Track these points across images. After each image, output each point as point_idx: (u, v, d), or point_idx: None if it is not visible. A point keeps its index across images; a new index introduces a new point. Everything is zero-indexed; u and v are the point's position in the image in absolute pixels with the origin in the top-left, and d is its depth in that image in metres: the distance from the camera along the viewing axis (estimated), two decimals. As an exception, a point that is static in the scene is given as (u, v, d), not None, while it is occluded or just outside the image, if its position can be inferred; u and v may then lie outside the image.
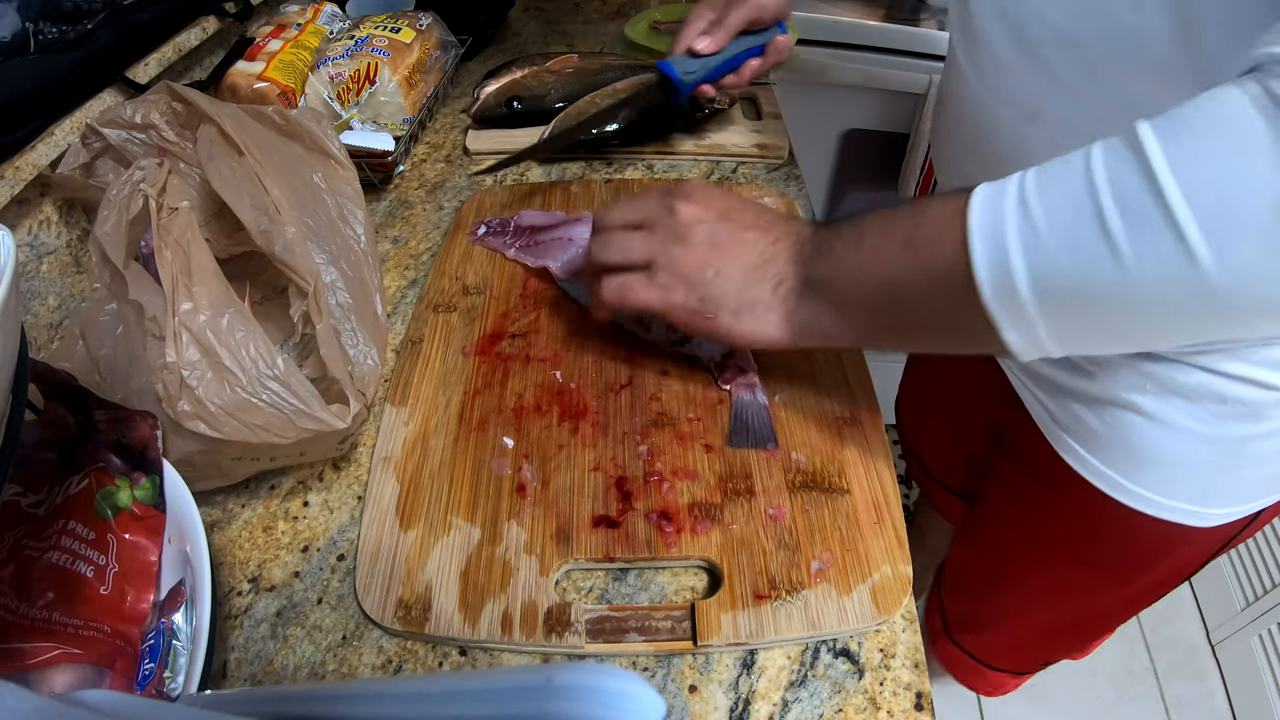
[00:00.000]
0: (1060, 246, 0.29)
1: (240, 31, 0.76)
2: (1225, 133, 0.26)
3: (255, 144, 0.48)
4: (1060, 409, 0.51)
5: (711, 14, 0.64)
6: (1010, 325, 0.32)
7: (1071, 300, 0.30)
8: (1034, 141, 0.44)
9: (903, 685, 0.38)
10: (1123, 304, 0.29)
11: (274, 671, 0.39)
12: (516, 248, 0.61)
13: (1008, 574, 0.68)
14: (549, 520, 0.43)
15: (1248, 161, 0.25)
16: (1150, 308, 0.29)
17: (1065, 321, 0.31)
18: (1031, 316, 0.31)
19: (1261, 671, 1.20)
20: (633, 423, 0.48)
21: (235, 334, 0.40)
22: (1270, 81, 0.25)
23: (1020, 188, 0.31)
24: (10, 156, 0.52)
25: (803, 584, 0.40)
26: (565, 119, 0.73)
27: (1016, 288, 0.31)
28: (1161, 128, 0.27)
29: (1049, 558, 0.63)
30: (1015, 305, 0.31)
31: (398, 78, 0.72)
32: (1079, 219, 0.29)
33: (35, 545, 0.36)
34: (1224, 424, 0.44)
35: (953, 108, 0.51)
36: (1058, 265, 0.30)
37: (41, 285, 0.56)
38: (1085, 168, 0.29)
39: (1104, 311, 0.30)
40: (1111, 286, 0.29)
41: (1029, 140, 0.44)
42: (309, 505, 0.46)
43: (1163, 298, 0.28)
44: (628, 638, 0.39)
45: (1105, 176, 0.28)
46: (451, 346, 0.53)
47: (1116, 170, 0.28)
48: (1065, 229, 0.29)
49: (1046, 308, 0.31)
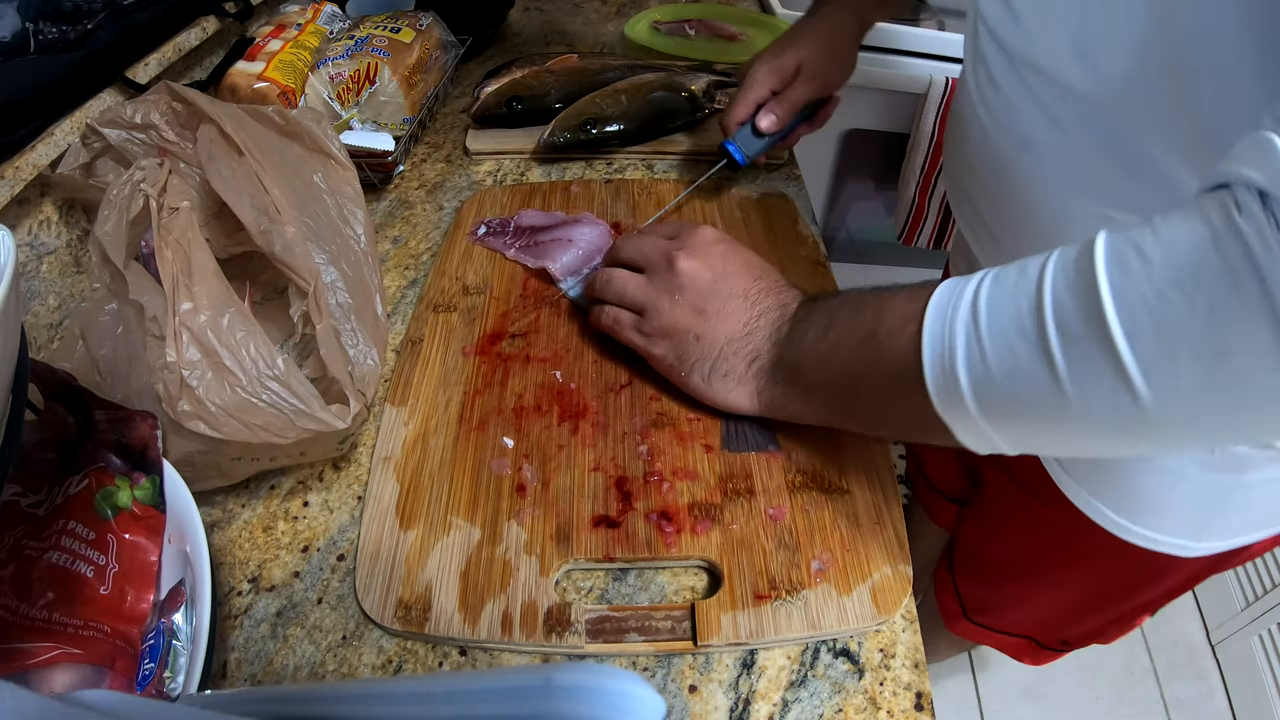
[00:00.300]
0: (1003, 369, 0.30)
1: (240, 31, 0.76)
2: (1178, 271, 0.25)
3: (255, 144, 0.48)
4: None
5: (773, 84, 0.62)
6: (961, 430, 0.33)
7: (1015, 416, 0.31)
8: (1024, 170, 0.44)
9: (903, 685, 0.38)
10: (1064, 424, 0.30)
11: (274, 671, 0.39)
12: (516, 248, 0.61)
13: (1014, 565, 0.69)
14: (549, 520, 0.43)
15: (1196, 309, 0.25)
16: (1090, 428, 0.29)
17: (1012, 432, 0.32)
18: (980, 426, 0.32)
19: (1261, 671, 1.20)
20: (633, 423, 0.48)
21: (235, 334, 0.40)
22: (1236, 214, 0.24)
23: (974, 299, 0.31)
24: (10, 156, 0.52)
25: (803, 584, 0.40)
26: (565, 119, 0.73)
27: (964, 401, 0.32)
28: (1116, 252, 0.27)
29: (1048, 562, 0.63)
30: (964, 415, 0.32)
31: (398, 78, 0.72)
32: (1023, 344, 0.29)
33: (35, 545, 0.36)
34: (1211, 472, 0.45)
35: (959, 126, 0.52)
36: (1000, 387, 0.30)
37: (41, 285, 0.56)
38: (1036, 287, 0.29)
39: (1046, 429, 0.31)
40: (1052, 410, 0.29)
41: (1020, 168, 0.44)
42: (309, 505, 0.46)
43: (1102, 421, 0.29)
44: (628, 638, 0.39)
45: (1052, 300, 0.28)
46: (451, 346, 0.53)
47: (1064, 295, 0.28)
48: (1009, 352, 0.30)
49: (992, 421, 0.32)
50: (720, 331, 0.45)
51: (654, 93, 0.75)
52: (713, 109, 0.77)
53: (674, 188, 0.69)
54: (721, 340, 0.45)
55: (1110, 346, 0.26)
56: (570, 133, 0.72)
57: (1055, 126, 0.40)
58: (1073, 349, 0.28)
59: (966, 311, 0.31)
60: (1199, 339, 0.25)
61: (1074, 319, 0.27)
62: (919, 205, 1.26)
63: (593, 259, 0.58)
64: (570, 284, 0.57)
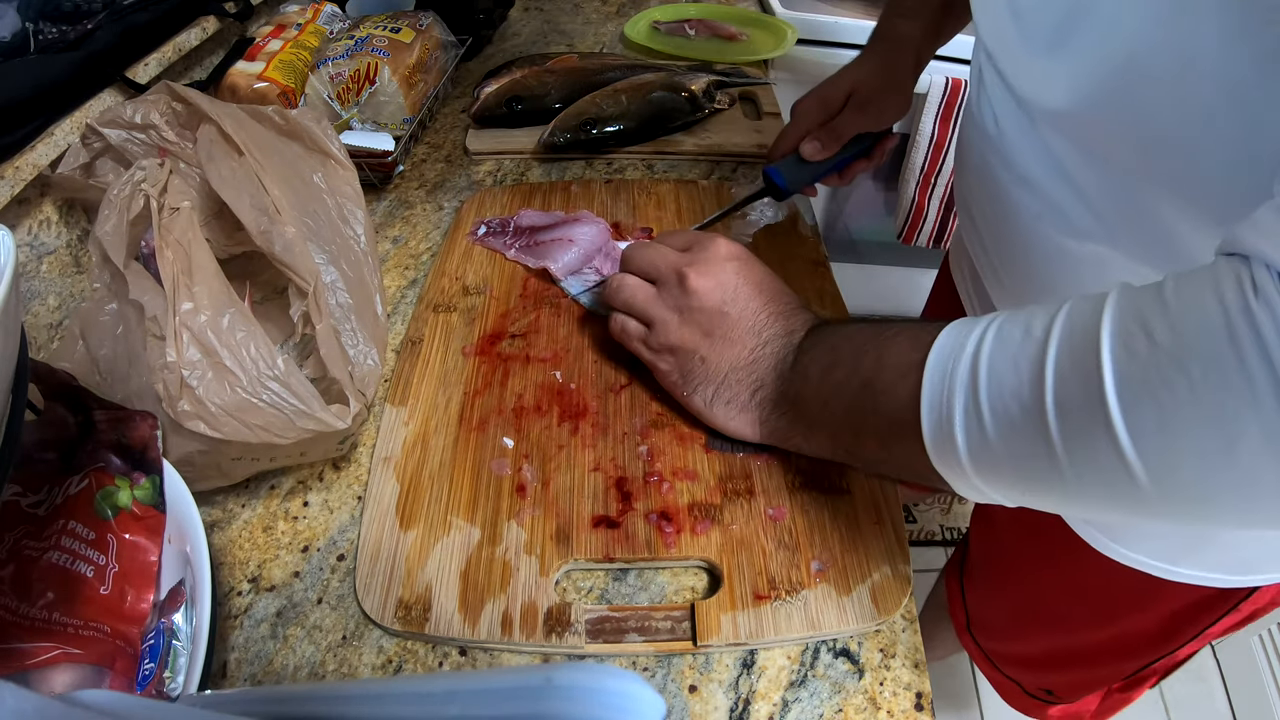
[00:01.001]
0: (1000, 437, 0.29)
1: (240, 31, 0.76)
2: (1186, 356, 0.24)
3: (255, 144, 0.48)
4: None
5: (822, 115, 0.61)
6: (958, 482, 0.33)
7: (1010, 482, 0.31)
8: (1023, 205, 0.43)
9: (903, 685, 0.38)
10: (1060, 493, 0.30)
11: (274, 671, 0.39)
12: (517, 248, 0.61)
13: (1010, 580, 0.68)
14: (549, 520, 0.43)
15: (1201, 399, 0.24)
16: (1087, 500, 0.29)
17: (1008, 492, 0.32)
18: (975, 483, 0.32)
19: (1261, 671, 1.20)
20: (633, 423, 0.48)
21: (236, 334, 0.40)
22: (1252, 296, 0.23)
23: (974, 358, 0.31)
24: (10, 156, 0.52)
25: (803, 584, 0.40)
26: (565, 119, 0.73)
27: (959, 461, 0.31)
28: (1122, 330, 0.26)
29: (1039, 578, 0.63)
30: (960, 473, 0.32)
31: (398, 78, 0.72)
32: (1021, 414, 0.28)
33: (35, 545, 0.36)
34: None
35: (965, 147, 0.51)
36: (997, 453, 0.30)
37: (41, 285, 0.56)
38: (1039, 355, 0.28)
39: (1042, 495, 0.31)
40: (1048, 480, 0.29)
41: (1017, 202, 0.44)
42: (309, 505, 0.46)
43: (1099, 498, 0.28)
44: (628, 638, 0.39)
45: (1053, 373, 0.27)
46: (451, 346, 0.53)
47: (1066, 370, 0.27)
48: (1007, 422, 0.29)
49: (988, 481, 0.32)
50: (725, 357, 0.44)
51: (654, 93, 0.75)
52: (713, 109, 0.77)
53: (674, 188, 0.69)
54: (726, 367, 0.44)
55: (1109, 430, 0.26)
56: (570, 133, 0.72)
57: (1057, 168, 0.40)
58: (1071, 428, 0.27)
59: (966, 372, 0.31)
60: (1204, 429, 0.24)
61: (1074, 397, 0.27)
62: (919, 205, 1.26)
63: (592, 258, 0.58)
64: (572, 283, 0.57)
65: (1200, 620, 0.55)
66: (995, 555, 0.71)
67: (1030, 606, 0.67)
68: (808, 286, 0.58)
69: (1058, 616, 0.64)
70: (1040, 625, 0.68)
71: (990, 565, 0.72)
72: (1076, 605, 0.61)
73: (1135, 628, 0.59)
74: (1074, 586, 0.59)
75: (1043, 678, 0.74)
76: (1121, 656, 0.64)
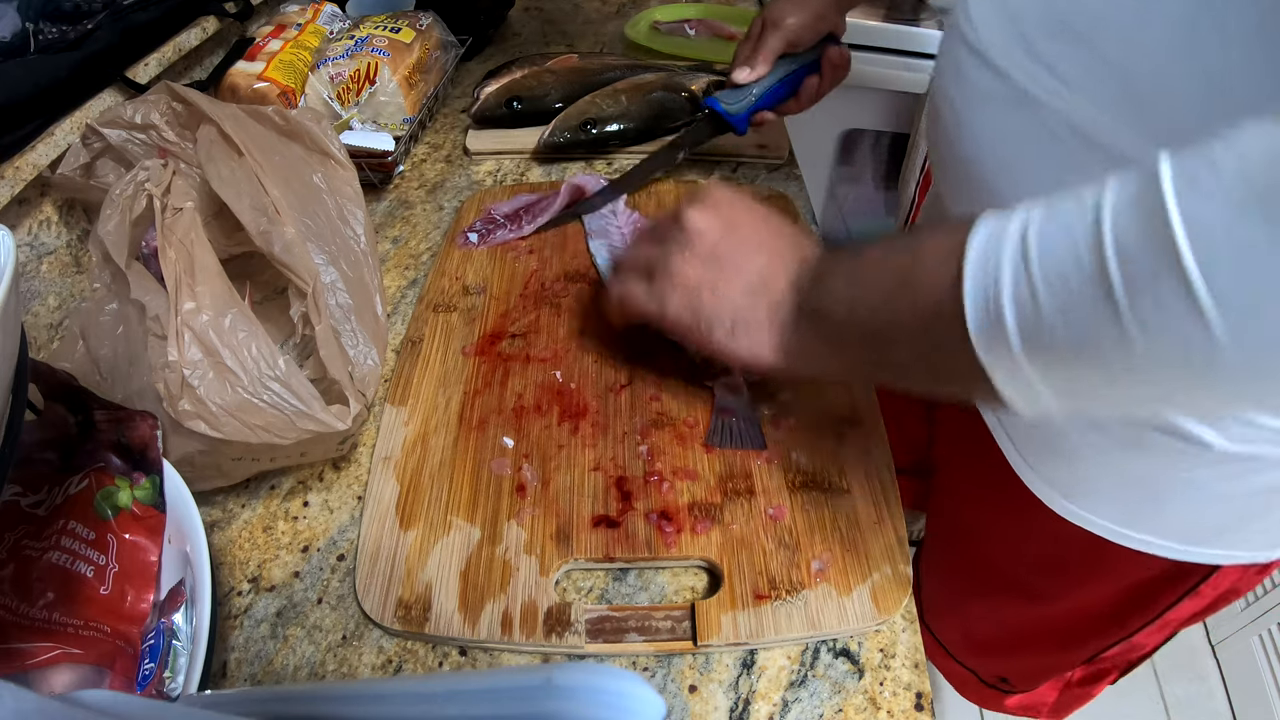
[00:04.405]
0: (1057, 310, 0.26)
1: (240, 31, 0.76)
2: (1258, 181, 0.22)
3: (255, 144, 0.48)
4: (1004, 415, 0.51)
5: (749, 45, 0.63)
6: (1006, 381, 0.30)
7: (1067, 362, 0.28)
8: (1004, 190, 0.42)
9: (903, 685, 0.38)
10: (1126, 373, 0.27)
11: (274, 671, 0.39)
12: (527, 223, 0.62)
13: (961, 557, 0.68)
14: (549, 520, 0.43)
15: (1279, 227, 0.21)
16: (1153, 374, 0.26)
17: (1060, 380, 0.29)
18: (1028, 376, 0.29)
19: (1261, 671, 1.20)
20: (633, 423, 0.48)
21: (238, 334, 0.40)
22: None
23: (1023, 234, 0.28)
24: (10, 156, 0.52)
25: (803, 584, 0.40)
26: (565, 119, 0.73)
27: (1009, 343, 0.28)
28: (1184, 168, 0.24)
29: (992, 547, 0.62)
30: (1010, 363, 0.29)
31: (398, 78, 0.72)
32: (1079, 277, 0.26)
33: (35, 545, 0.36)
34: (1145, 465, 0.44)
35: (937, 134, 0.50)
36: (1054, 330, 0.27)
37: (41, 285, 0.56)
38: (1094, 218, 0.25)
39: (1101, 375, 0.28)
40: (1111, 353, 0.26)
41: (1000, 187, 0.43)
42: (309, 505, 0.46)
43: (1167, 365, 0.25)
44: (628, 638, 0.39)
45: (1112, 226, 0.25)
46: (451, 346, 0.53)
47: (1126, 220, 0.25)
48: (1064, 291, 0.26)
49: (1043, 370, 0.28)
50: (736, 283, 0.42)
51: (654, 93, 0.75)
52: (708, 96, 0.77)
53: (674, 187, 0.69)
54: (738, 292, 0.42)
55: (1182, 277, 0.23)
56: (570, 133, 0.72)
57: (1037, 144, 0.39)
58: (1137, 282, 0.24)
59: (1015, 243, 0.28)
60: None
61: (1138, 247, 0.24)
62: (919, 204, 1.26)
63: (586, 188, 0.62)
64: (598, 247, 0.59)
65: (1157, 600, 0.54)
66: (947, 530, 0.70)
67: (981, 576, 0.66)
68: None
69: (1008, 584, 0.63)
70: (991, 595, 0.66)
71: (942, 540, 0.72)
72: (1027, 572, 0.60)
73: (1087, 602, 0.58)
74: (1025, 552, 0.58)
75: (998, 664, 0.73)
76: (1074, 636, 0.63)
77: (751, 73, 0.62)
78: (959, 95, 0.44)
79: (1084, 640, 0.63)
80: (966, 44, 0.43)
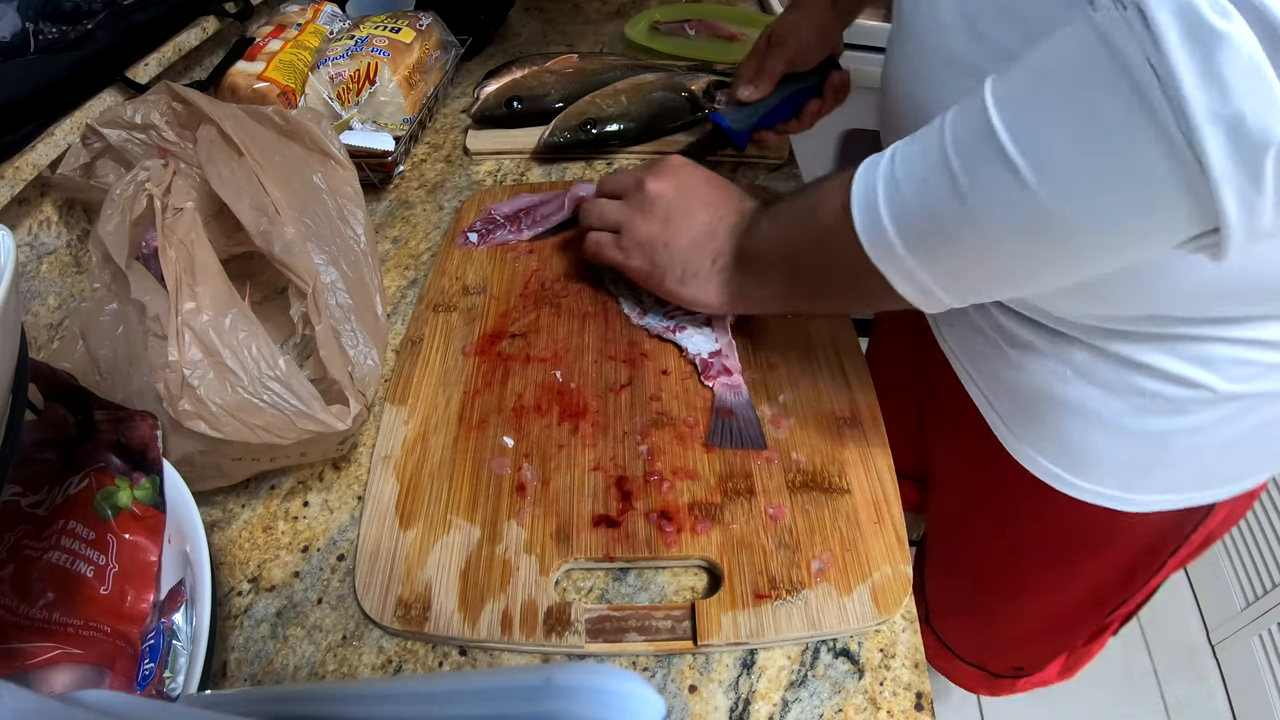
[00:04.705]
0: (915, 193, 0.33)
1: (240, 31, 0.76)
2: (1048, 59, 0.28)
3: (255, 144, 0.48)
4: (993, 392, 0.52)
5: (754, 63, 0.65)
6: (895, 274, 0.36)
7: (933, 241, 0.34)
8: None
9: (903, 685, 0.38)
10: (976, 236, 0.32)
11: (274, 671, 0.39)
12: (527, 227, 0.62)
13: (966, 557, 0.69)
14: (549, 520, 0.43)
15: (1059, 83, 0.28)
16: (999, 237, 0.32)
17: (937, 263, 0.35)
18: (909, 264, 0.35)
19: (1261, 671, 1.20)
20: (633, 422, 0.48)
21: (238, 334, 0.40)
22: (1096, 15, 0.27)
23: (891, 156, 0.35)
24: (10, 156, 0.52)
25: (803, 584, 0.40)
26: (565, 119, 0.73)
27: (888, 236, 0.35)
28: (1002, 76, 0.30)
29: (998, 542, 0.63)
30: (892, 255, 0.35)
31: (398, 78, 0.72)
32: (929, 168, 0.33)
33: (35, 545, 0.36)
34: (1144, 417, 0.44)
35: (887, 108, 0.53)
36: (914, 210, 0.34)
37: (41, 285, 0.56)
38: (940, 126, 0.32)
39: (963, 247, 0.33)
40: (960, 220, 0.32)
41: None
42: (309, 505, 0.46)
43: (1005, 224, 0.31)
44: (628, 638, 0.39)
45: (950, 128, 0.32)
46: (451, 346, 0.53)
47: (960, 121, 0.31)
48: (919, 178, 0.33)
49: (915, 251, 0.34)
50: (684, 235, 0.49)
51: (654, 93, 0.75)
52: (713, 109, 0.77)
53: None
54: (686, 243, 0.49)
55: (993, 137, 0.29)
56: (570, 133, 0.72)
57: None
58: (966, 155, 0.31)
59: (885, 164, 0.35)
60: (1069, 109, 0.27)
61: (964, 130, 0.31)
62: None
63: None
64: None
65: (1161, 553, 0.57)
66: (950, 535, 0.71)
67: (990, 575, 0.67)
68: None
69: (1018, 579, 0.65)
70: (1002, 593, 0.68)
71: (946, 546, 0.72)
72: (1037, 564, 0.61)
73: (1097, 574, 0.60)
74: (1033, 543, 0.59)
75: (1012, 656, 0.74)
76: (1087, 610, 0.65)
77: (756, 91, 0.65)
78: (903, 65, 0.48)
79: (1096, 611, 0.64)
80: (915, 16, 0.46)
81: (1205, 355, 0.40)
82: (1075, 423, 0.47)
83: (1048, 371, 0.46)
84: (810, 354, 0.52)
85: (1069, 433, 0.48)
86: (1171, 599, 1.40)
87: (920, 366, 0.64)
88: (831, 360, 0.52)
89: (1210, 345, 0.40)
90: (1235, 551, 1.28)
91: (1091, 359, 0.44)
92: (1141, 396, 0.43)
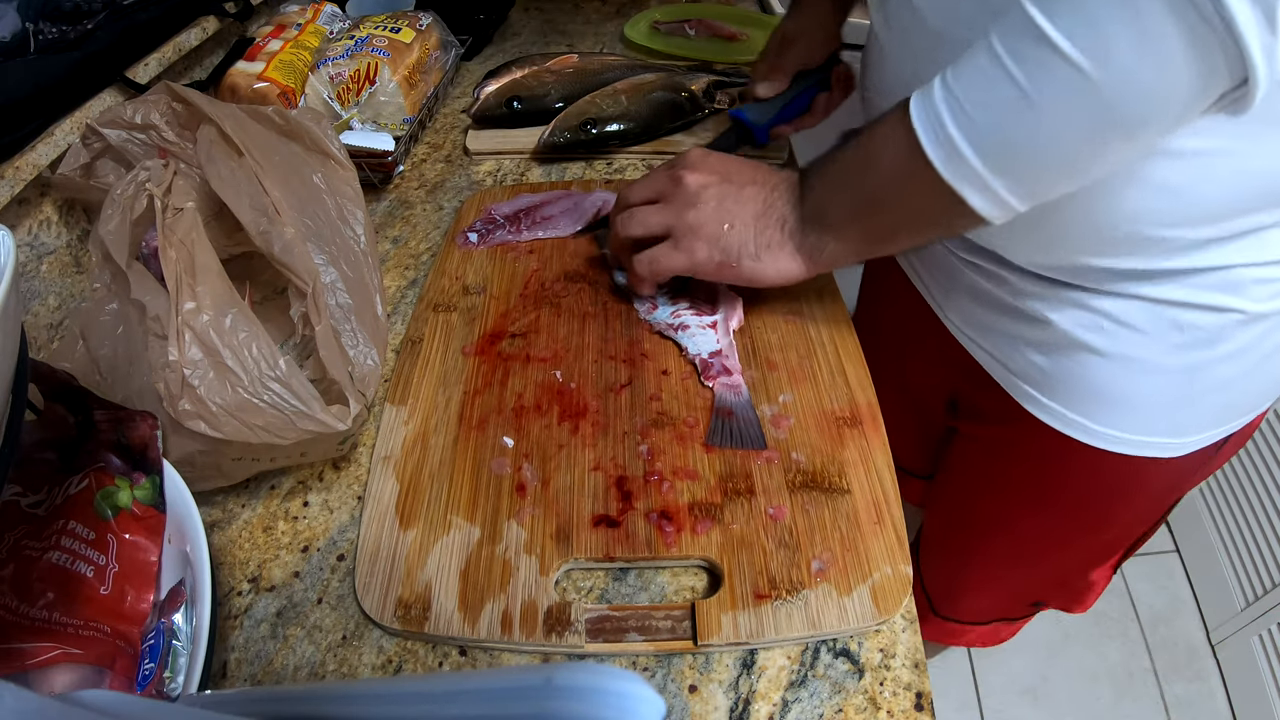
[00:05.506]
0: (982, 109, 0.35)
1: (240, 31, 0.76)
2: None
3: (255, 144, 0.48)
4: (1015, 358, 0.53)
5: (767, 63, 0.69)
6: (971, 189, 0.37)
7: (1007, 146, 0.36)
8: None
9: (903, 685, 0.38)
10: (1046, 132, 0.35)
11: (274, 671, 0.39)
12: (525, 228, 0.62)
13: (980, 534, 0.69)
14: (549, 520, 0.43)
15: None
16: (1066, 128, 0.34)
17: (1011, 167, 0.36)
18: (984, 174, 0.37)
19: (1261, 671, 1.20)
20: (633, 422, 0.48)
21: (238, 334, 0.40)
22: None
23: (943, 81, 0.37)
24: (10, 156, 0.52)
25: (803, 584, 0.40)
26: (565, 119, 0.73)
27: (963, 155, 0.36)
28: None
29: (1018, 510, 0.64)
30: (968, 169, 0.37)
31: (398, 78, 0.72)
32: (990, 81, 0.35)
33: (35, 545, 0.36)
34: (1182, 353, 0.46)
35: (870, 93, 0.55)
36: (984, 125, 0.36)
37: (41, 285, 0.56)
38: (988, 47, 0.35)
39: (1034, 145, 0.35)
40: (1029, 121, 0.34)
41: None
42: (309, 505, 0.46)
43: (1071, 115, 0.34)
44: (628, 637, 0.39)
45: (1001, 43, 0.34)
46: (451, 346, 0.53)
47: (1008, 34, 0.34)
48: (982, 93, 0.35)
49: (990, 163, 0.36)
50: (747, 212, 0.49)
51: (654, 93, 0.75)
52: (713, 109, 0.77)
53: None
54: (750, 219, 0.49)
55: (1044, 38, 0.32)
56: (570, 133, 0.72)
57: None
58: (1028, 65, 0.33)
59: (940, 90, 0.37)
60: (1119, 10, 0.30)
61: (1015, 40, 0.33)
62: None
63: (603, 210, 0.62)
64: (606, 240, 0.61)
65: (1176, 491, 0.60)
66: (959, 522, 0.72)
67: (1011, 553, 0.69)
68: (807, 285, 0.58)
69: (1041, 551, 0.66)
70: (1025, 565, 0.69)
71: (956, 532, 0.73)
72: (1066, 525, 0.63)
73: (1120, 521, 0.62)
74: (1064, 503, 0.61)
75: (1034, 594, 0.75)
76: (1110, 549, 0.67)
77: (773, 87, 0.68)
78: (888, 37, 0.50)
79: (1119, 549, 0.67)
80: None
81: (1230, 281, 0.42)
82: (1108, 370, 0.48)
83: (1080, 325, 0.47)
84: (810, 354, 0.52)
85: (1103, 382, 0.49)
86: (1171, 599, 1.40)
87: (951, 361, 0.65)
88: (831, 360, 0.52)
89: (1232, 272, 0.42)
90: (1235, 551, 1.28)
91: (1125, 306, 0.45)
92: (1179, 331, 0.45)
